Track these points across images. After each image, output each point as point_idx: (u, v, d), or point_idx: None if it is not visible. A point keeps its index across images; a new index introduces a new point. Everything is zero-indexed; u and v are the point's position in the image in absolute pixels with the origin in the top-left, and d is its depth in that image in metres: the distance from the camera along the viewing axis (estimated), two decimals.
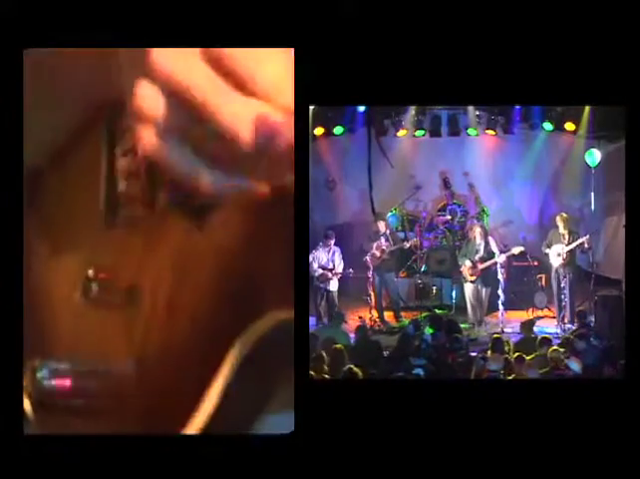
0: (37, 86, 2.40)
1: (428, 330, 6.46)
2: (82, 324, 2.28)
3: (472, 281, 8.21)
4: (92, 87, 2.36)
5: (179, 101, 1.72)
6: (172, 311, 2.19)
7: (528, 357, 5.42)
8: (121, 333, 2.23)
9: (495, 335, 6.40)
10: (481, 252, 8.16)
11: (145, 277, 2.23)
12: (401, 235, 9.22)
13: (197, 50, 1.71)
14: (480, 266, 8.14)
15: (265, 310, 2.14)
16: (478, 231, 8.33)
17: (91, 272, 2.25)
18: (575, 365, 5.18)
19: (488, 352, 5.72)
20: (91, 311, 2.26)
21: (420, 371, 5.30)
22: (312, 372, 5.10)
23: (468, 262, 8.20)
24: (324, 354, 5.37)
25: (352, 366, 5.01)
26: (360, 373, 4.93)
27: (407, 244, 8.67)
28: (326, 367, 5.26)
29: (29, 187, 2.45)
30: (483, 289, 8.19)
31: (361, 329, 6.87)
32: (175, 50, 1.72)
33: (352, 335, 6.79)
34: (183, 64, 1.71)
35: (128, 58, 1.88)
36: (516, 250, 8.16)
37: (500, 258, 8.04)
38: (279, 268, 2.14)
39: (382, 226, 8.62)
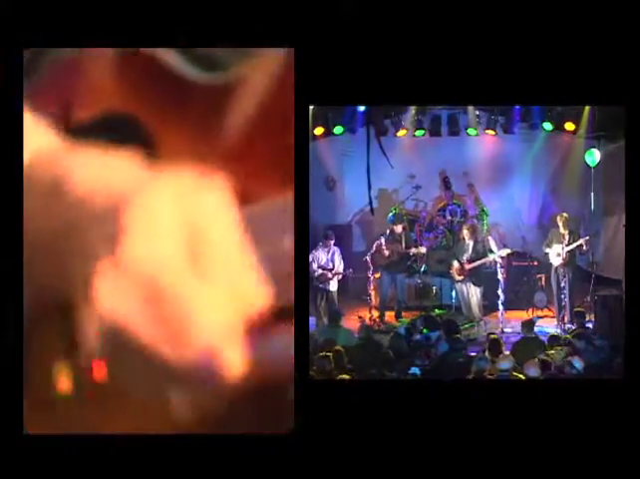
0: None
1: (425, 331, 6.45)
2: None
3: (460, 281, 8.21)
4: None
5: None
6: None
7: (535, 358, 5.41)
8: None
9: (493, 336, 6.36)
10: (470, 252, 8.14)
11: None
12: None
13: None
14: (468, 266, 8.12)
15: None
16: (465, 231, 8.32)
17: None
18: (579, 363, 5.17)
19: (486, 352, 5.71)
20: None
21: (416, 371, 5.29)
22: (315, 373, 5.09)
23: (455, 263, 8.21)
24: (330, 356, 5.35)
25: (344, 376, 5.01)
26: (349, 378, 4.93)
27: (413, 251, 8.69)
28: (332, 369, 5.25)
29: None
30: (474, 289, 8.17)
31: (364, 329, 6.85)
32: None
33: (355, 335, 6.77)
34: None
35: None
36: (504, 252, 8.14)
37: (489, 259, 8.04)
38: None
39: (399, 228, 8.67)
